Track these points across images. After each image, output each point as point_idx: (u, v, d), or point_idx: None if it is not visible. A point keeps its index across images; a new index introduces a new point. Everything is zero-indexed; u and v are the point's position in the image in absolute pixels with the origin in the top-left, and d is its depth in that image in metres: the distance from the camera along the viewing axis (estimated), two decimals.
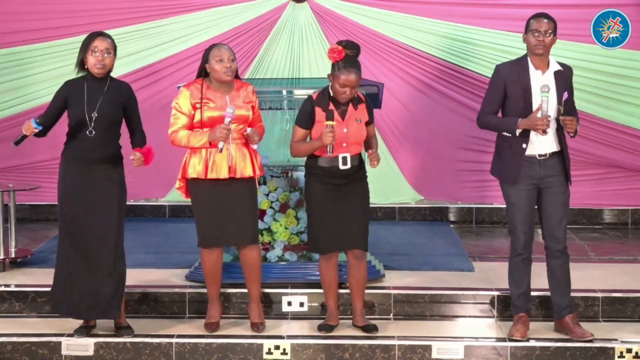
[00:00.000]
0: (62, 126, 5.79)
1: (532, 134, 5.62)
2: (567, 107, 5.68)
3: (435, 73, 8.32)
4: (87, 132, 5.58)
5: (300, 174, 6.49)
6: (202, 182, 5.72)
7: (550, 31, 5.65)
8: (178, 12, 8.39)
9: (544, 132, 5.56)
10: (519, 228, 5.74)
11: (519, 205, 5.72)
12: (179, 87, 6.72)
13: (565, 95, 5.64)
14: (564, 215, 5.73)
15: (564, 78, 5.70)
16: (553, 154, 5.69)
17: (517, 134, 5.64)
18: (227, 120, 5.60)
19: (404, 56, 8.34)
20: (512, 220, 5.78)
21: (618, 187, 8.37)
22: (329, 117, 5.62)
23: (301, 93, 6.40)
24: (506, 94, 5.71)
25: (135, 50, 8.37)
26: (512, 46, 8.17)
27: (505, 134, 5.71)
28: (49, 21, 8.32)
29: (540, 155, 5.68)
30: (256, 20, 8.37)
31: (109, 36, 5.69)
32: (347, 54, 5.66)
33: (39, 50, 8.33)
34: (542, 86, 5.57)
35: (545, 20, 5.66)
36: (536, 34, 5.63)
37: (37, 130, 5.52)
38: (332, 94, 5.73)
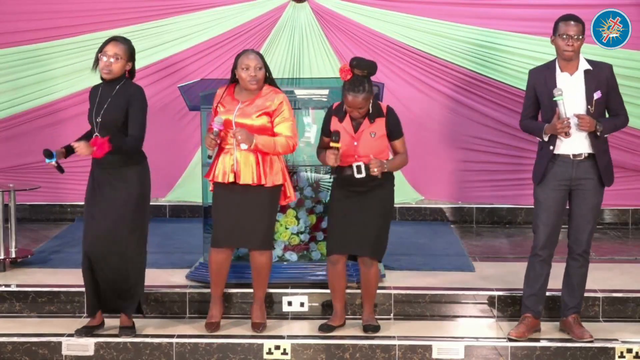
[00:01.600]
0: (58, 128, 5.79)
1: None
2: (601, 108, 5.59)
3: (435, 73, 8.32)
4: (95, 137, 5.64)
5: (300, 174, 6.49)
6: (219, 184, 5.76)
7: (579, 35, 5.57)
8: (178, 12, 8.38)
9: (567, 134, 5.50)
10: (541, 227, 5.68)
11: (545, 204, 5.67)
12: (179, 87, 6.76)
13: (597, 94, 5.58)
14: (591, 219, 5.68)
15: (595, 77, 5.59)
16: (589, 155, 5.61)
17: (546, 139, 5.62)
18: (214, 130, 5.63)
19: (404, 56, 8.34)
20: (535, 218, 5.73)
21: (618, 187, 8.31)
22: (335, 138, 5.60)
23: (301, 93, 6.41)
24: (538, 98, 5.70)
25: (136, 50, 8.35)
26: (513, 46, 8.19)
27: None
28: (49, 21, 8.32)
29: (574, 156, 5.60)
30: (256, 20, 8.37)
31: (123, 42, 5.74)
32: (356, 74, 5.61)
33: (38, 51, 8.32)
34: (554, 90, 5.54)
35: (573, 23, 5.57)
36: (565, 38, 5.55)
37: (53, 164, 5.62)
38: None
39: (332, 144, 5.59)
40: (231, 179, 5.71)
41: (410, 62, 8.34)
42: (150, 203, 8.51)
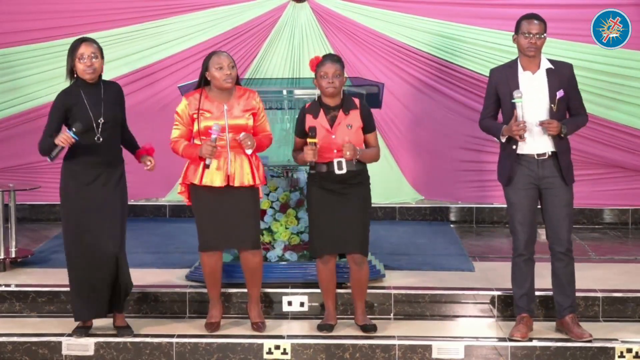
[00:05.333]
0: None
1: (526, 135, 5.60)
2: (563, 106, 5.64)
3: (435, 73, 8.32)
4: (95, 139, 5.58)
5: (300, 174, 6.50)
6: (200, 187, 5.73)
7: (542, 33, 5.62)
8: (178, 12, 8.39)
9: (521, 137, 5.55)
10: (519, 228, 5.73)
11: (518, 205, 5.71)
12: (179, 87, 6.76)
13: (560, 93, 5.62)
14: (566, 216, 5.69)
15: (558, 76, 5.65)
16: (553, 154, 5.66)
17: (504, 140, 5.65)
18: (213, 137, 5.60)
19: (404, 56, 8.34)
20: (512, 220, 5.78)
21: (618, 187, 8.37)
22: (312, 134, 5.64)
23: (301, 93, 6.41)
24: (499, 97, 5.72)
25: (135, 50, 8.37)
26: (513, 45, 8.17)
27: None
28: (48, 21, 8.32)
29: (538, 155, 5.65)
30: (256, 20, 8.38)
31: (93, 40, 5.66)
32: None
33: (38, 50, 8.33)
34: (514, 92, 5.57)
35: (537, 22, 5.63)
36: (528, 36, 5.61)
37: (74, 141, 5.45)
38: (322, 100, 5.77)
39: (309, 140, 5.63)
40: (222, 183, 5.69)
41: (410, 62, 8.34)
42: (150, 203, 8.66)
